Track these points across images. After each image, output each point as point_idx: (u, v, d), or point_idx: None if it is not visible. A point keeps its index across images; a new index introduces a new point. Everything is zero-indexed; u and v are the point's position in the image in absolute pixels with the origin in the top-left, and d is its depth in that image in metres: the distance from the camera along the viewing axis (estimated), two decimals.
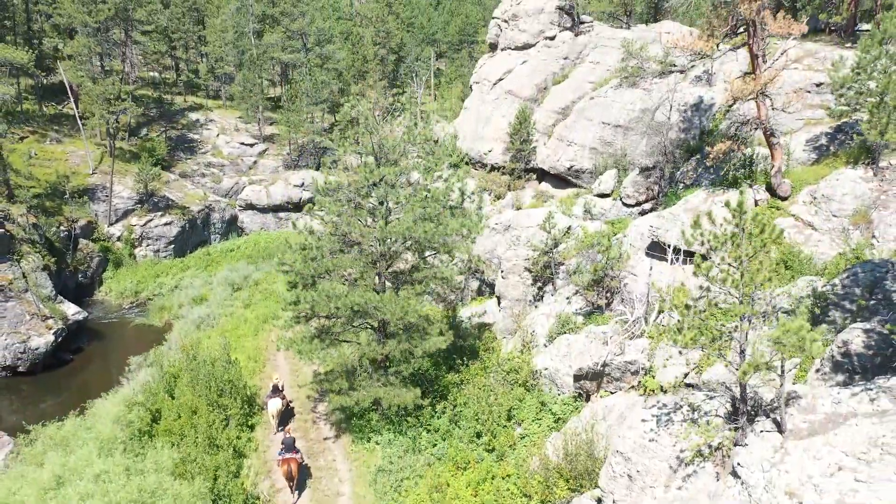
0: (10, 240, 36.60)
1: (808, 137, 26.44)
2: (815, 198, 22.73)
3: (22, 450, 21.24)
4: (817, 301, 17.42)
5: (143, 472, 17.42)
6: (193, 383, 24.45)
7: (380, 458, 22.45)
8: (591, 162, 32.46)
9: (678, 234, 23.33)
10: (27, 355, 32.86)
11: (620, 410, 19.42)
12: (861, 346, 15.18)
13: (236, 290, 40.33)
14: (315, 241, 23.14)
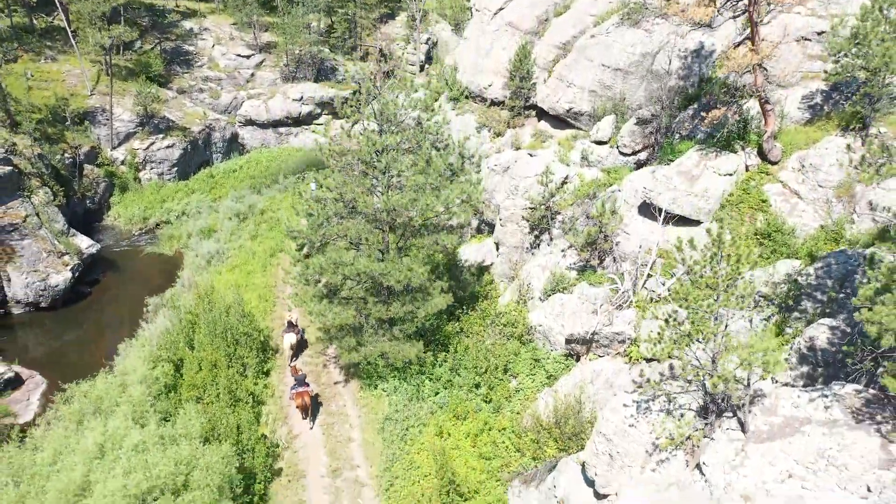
0: (18, 176, 37.32)
1: (804, 93, 26.73)
2: (803, 165, 23.51)
3: (60, 407, 23.21)
4: (792, 288, 18.74)
5: (176, 439, 19.39)
6: (212, 335, 26.18)
7: (386, 406, 24.55)
8: (590, 105, 32.71)
9: (670, 198, 24.40)
10: (48, 292, 34.51)
11: (607, 376, 21.24)
12: (825, 342, 16.68)
13: (242, 220, 41.47)
14: (320, 208, 24.10)
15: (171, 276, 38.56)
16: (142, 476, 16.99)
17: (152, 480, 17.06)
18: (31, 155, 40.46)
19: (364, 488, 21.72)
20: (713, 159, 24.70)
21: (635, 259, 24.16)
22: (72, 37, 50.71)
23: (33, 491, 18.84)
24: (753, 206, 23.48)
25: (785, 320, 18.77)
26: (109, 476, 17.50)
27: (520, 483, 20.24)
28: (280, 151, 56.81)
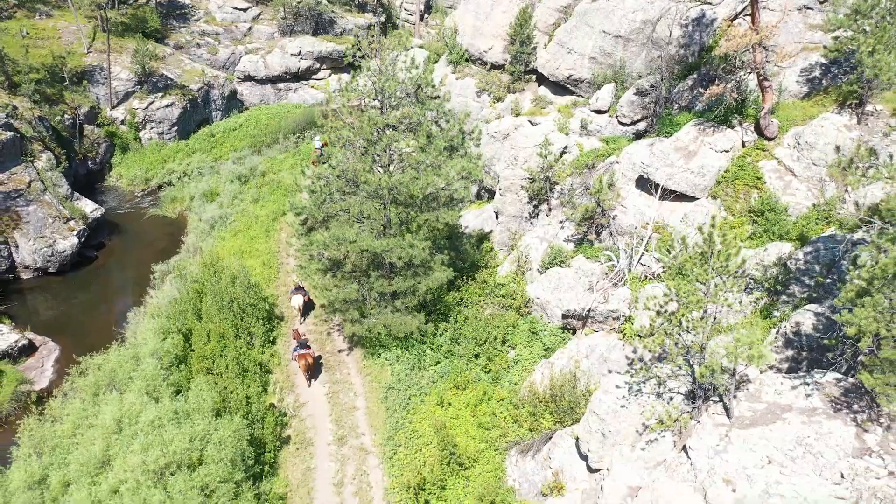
0: (20, 141, 37.51)
1: (803, 66, 26.80)
2: (798, 143, 23.82)
3: (76, 379, 24.12)
4: (781, 272, 19.38)
5: (189, 413, 20.33)
6: (219, 306, 26.94)
7: (389, 375, 25.48)
8: (590, 72, 32.68)
9: (666, 174, 24.82)
10: (55, 258, 35.16)
11: (601, 352, 22.08)
12: (810, 328, 17.41)
13: (244, 183, 41.81)
14: (322, 185, 24.52)
15: (175, 239, 39.19)
16: (159, 452, 17.95)
17: (169, 456, 18.04)
18: (31, 118, 40.55)
19: (369, 455, 22.82)
20: (710, 135, 24.99)
21: (631, 236, 24.73)
22: None
23: (56, 462, 19.91)
24: (748, 182, 23.90)
25: (773, 303, 19.48)
26: (128, 451, 18.47)
27: (517, 452, 21.30)
28: (279, 108, 56.61)
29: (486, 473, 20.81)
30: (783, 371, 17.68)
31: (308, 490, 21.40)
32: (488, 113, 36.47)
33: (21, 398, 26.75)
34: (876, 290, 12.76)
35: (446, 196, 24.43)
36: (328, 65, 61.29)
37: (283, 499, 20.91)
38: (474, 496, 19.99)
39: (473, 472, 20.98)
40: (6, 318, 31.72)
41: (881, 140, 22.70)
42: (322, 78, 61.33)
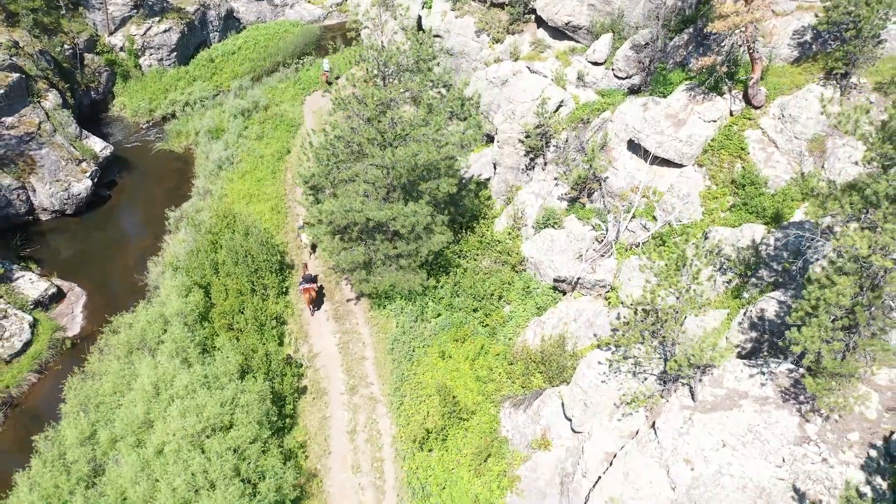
0: (26, 81, 38.06)
1: (795, 28, 27.19)
2: (783, 115, 24.86)
3: (109, 337, 26.43)
4: (752, 255, 21.17)
5: (218, 377, 22.73)
6: (234, 261, 28.89)
7: (394, 327, 27.79)
8: (588, 19, 32.85)
9: (656, 142, 26.06)
10: (71, 200, 36.67)
11: (588, 317, 24.25)
12: (773, 315, 19.45)
13: (247, 118, 42.56)
14: (329, 154, 25.74)
15: (183, 175, 40.58)
16: (195, 418, 20.46)
17: (204, 421, 20.57)
18: (33, 52, 40.77)
19: (378, 404, 25.49)
20: (700, 103, 26.00)
21: (622, 199, 26.29)
22: None
23: (102, 419, 22.54)
24: (733, 153, 25.18)
25: (744, 285, 21.39)
26: (167, 415, 21.00)
27: (510, 405, 23.93)
28: (277, 27, 56.12)
29: (482, 424, 23.50)
30: (747, 351, 19.89)
31: (325, 437, 24.20)
32: (487, 54, 36.83)
33: (57, 345, 29.21)
34: (822, 312, 14.64)
35: (446, 165, 25.70)
36: None
37: (304, 446, 23.72)
38: (472, 445, 22.79)
39: (472, 423, 23.66)
40: (33, 262, 33.71)
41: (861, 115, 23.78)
42: None
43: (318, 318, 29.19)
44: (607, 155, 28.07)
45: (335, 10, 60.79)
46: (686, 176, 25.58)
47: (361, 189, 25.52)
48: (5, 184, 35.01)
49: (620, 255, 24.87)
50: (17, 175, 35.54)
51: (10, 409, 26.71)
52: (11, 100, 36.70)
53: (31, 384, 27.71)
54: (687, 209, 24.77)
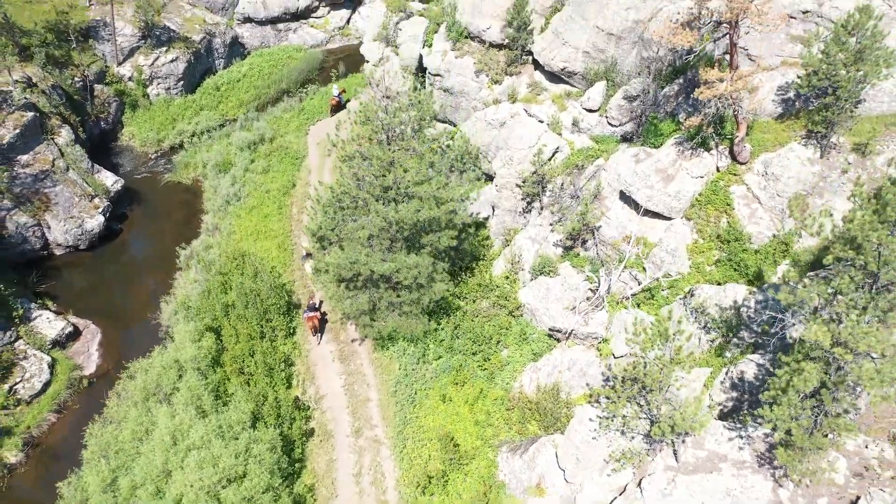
0: (41, 119, 39.34)
1: (780, 83, 28.41)
2: (766, 172, 26.14)
3: (127, 383, 27.79)
4: (733, 317, 22.50)
5: (232, 426, 24.10)
6: (244, 304, 30.23)
7: (397, 368, 29.15)
8: (583, 65, 34.07)
9: (646, 196, 27.37)
10: (84, 236, 37.99)
11: (581, 366, 25.61)
12: (752, 377, 20.81)
13: (253, 151, 43.81)
14: (335, 209, 27.04)
15: (191, 207, 41.94)
16: (211, 470, 21.83)
17: (219, 473, 21.94)
18: (45, 88, 42.02)
19: (382, 447, 26.87)
20: (688, 159, 27.31)
21: (614, 249, 27.63)
22: None
23: (122, 467, 23.92)
24: (719, 208, 26.49)
25: (726, 344, 22.73)
26: (184, 466, 22.37)
27: (508, 450, 25.30)
28: (281, 52, 57.31)
29: (481, 469, 24.88)
30: (729, 409, 21.24)
31: (332, 480, 25.59)
32: (486, 94, 38.04)
33: (75, 384, 30.60)
34: (791, 393, 15.98)
35: (447, 219, 27.00)
36: (327, 2, 61.28)
37: (312, 490, 25.12)
38: (472, 490, 24.18)
39: (471, 467, 25.04)
40: (48, 299, 35.08)
41: (839, 177, 25.13)
42: (321, 16, 61.53)
43: (325, 359, 30.56)
44: (601, 204, 29.40)
45: (337, 33, 61.99)
46: (674, 230, 26.89)
47: (365, 241, 26.83)
48: (22, 222, 36.35)
49: (612, 308, 26.21)
50: (32, 213, 36.87)
51: (31, 449, 28.10)
52: (26, 138, 38.00)
53: (50, 424, 29.13)
54: (675, 263, 26.10)
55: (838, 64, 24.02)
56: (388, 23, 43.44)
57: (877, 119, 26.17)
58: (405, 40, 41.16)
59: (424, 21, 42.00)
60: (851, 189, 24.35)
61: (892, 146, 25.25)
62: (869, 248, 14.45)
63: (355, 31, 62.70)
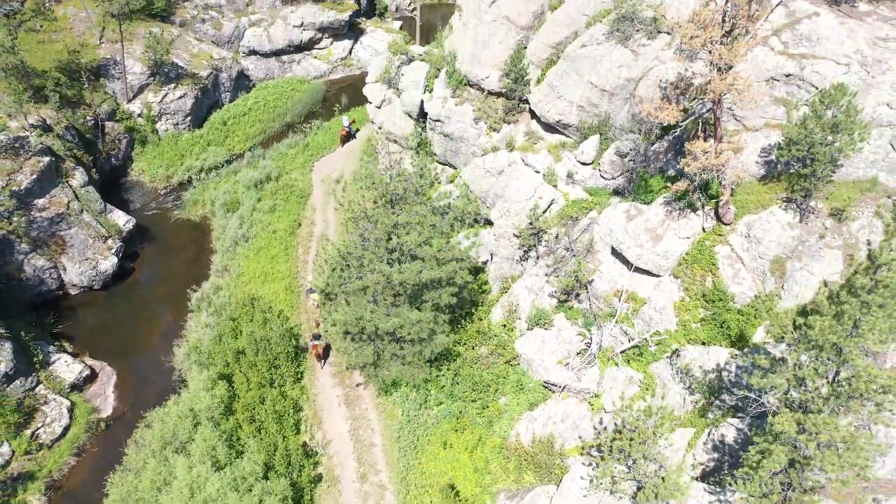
0: (56, 162, 40.85)
1: (763, 146, 29.94)
2: (749, 234, 27.71)
3: (144, 432, 29.32)
4: (715, 381, 24.06)
5: (245, 477, 25.64)
6: (254, 352, 31.79)
7: (400, 414, 30.70)
8: (578, 118, 35.61)
9: (636, 254, 28.92)
10: (98, 277, 39.52)
11: (574, 419, 27.17)
12: (731, 440, 22.37)
13: (260, 190, 45.36)
14: (341, 267, 28.60)
15: (201, 245, 43.52)
16: None
17: None
18: (60, 130, 43.50)
19: (386, 492, 28.43)
20: (676, 219, 28.87)
21: (606, 302, 29.20)
22: None
23: None
24: (705, 267, 28.05)
25: (709, 406, 24.29)
26: None
27: (505, 498, 26.88)
28: (285, 84, 58.93)
29: None
30: (710, 469, 22.80)
31: None
32: (485, 141, 39.60)
33: (93, 427, 32.11)
34: (762, 471, 17.55)
35: (448, 279, 28.53)
36: (329, 33, 62.88)
37: None
38: None
39: None
40: (65, 340, 36.61)
41: (816, 241, 26.69)
42: (324, 47, 63.13)
43: (331, 402, 32.14)
44: (593, 258, 30.98)
45: (340, 64, 63.55)
46: (663, 287, 28.45)
47: (370, 298, 28.40)
48: (39, 265, 37.88)
49: (603, 364, 27.77)
50: (49, 256, 38.39)
51: (53, 493, 29.62)
52: (43, 182, 39.51)
53: (70, 467, 30.62)
54: (663, 321, 27.66)
55: (815, 136, 25.57)
56: (390, 66, 44.98)
57: (853, 184, 27.71)
58: (407, 86, 42.68)
59: (425, 66, 43.53)
60: (827, 254, 26.20)
61: (866, 212, 26.83)
62: (829, 348, 16.00)
63: (357, 62, 64.31)
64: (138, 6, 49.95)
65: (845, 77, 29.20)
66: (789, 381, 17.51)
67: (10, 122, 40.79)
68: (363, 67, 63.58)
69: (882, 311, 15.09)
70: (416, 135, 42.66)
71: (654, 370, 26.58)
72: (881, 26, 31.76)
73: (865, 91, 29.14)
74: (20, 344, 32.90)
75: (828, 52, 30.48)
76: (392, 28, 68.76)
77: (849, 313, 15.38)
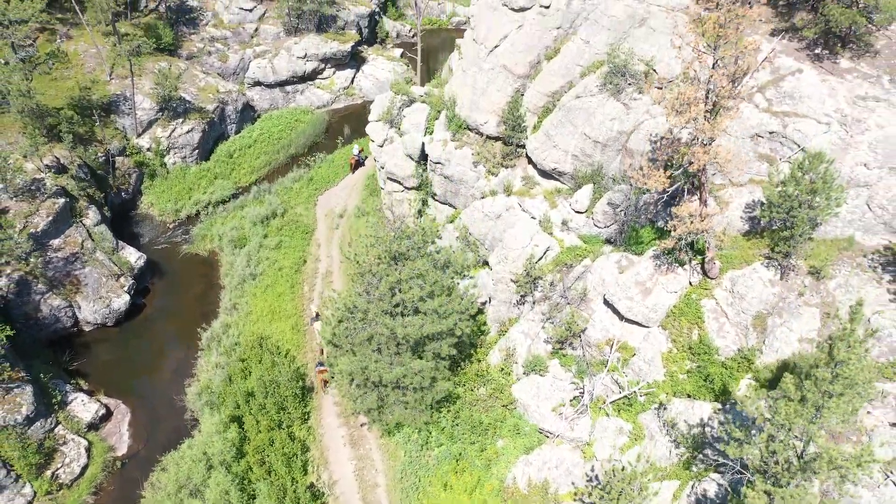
0: (71, 203, 42.42)
1: (748, 201, 31.56)
2: (733, 289, 29.33)
3: (160, 476, 30.89)
4: (699, 435, 25.67)
5: None
6: (264, 392, 33.38)
7: (402, 455, 32.29)
8: (572, 167, 37.20)
9: (627, 306, 30.53)
10: (111, 315, 41.09)
11: (567, 466, 28.77)
12: (713, 495, 23.97)
13: (266, 226, 46.95)
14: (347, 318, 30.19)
15: (209, 281, 45.10)
16: None
17: None
18: (73, 169, 45.05)
19: None
20: (665, 274, 30.49)
21: (598, 350, 30.81)
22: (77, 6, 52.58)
23: None
24: (691, 320, 29.65)
25: (693, 459, 25.91)
26: None
27: None
28: (289, 115, 60.52)
29: None
30: None
31: None
32: (483, 184, 41.19)
33: (109, 466, 33.68)
34: None
35: (448, 332, 30.13)
36: (332, 63, 64.47)
37: None
38: None
39: None
40: (80, 377, 38.17)
41: (796, 299, 28.30)
42: (327, 77, 64.72)
43: (337, 442, 33.72)
44: (587, 306, 32.57)
45: (342, 93, 65.16)
46: (651, 338, 30.05)
47: (374, 347, 30.00)
48: (55, 304, 39.45)
49: (595, 413, 29.38)
50: (64, 296, 39.95)
51: None
52: (58, 223, 41.11)
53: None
54: (651, 372, 29.27)
55: (794, 201, 27.19)
56: (392, 107, 46.56)
57: (831, 243, 29.33)
58: (408, 128, 44.26)
59: (426, 108, 45.11)
60: (805, 311, 27.79)
61: (843, 271, 28.46)
62: (795, 430, 17.62)
63: (359, 91, 65.95)
64: (149, 49, 51.49)
65: (826, 136, 30.91)
66: (762, 452, 19.10)
67: (26, 163, 42.36)
68: (365, 96, 65.34)
69: (841, 398, 16.70)
70: (416, 175, 44.25)
71: (643, 421, 28.22)
72: (861, 84, 33.24)
73: (844, 150, 30.81)
74: (40, 385, 34.44)
75: (809, 110, 32.01)
76: (393, 56, 70.42)
77: (812, 400, 16.98)
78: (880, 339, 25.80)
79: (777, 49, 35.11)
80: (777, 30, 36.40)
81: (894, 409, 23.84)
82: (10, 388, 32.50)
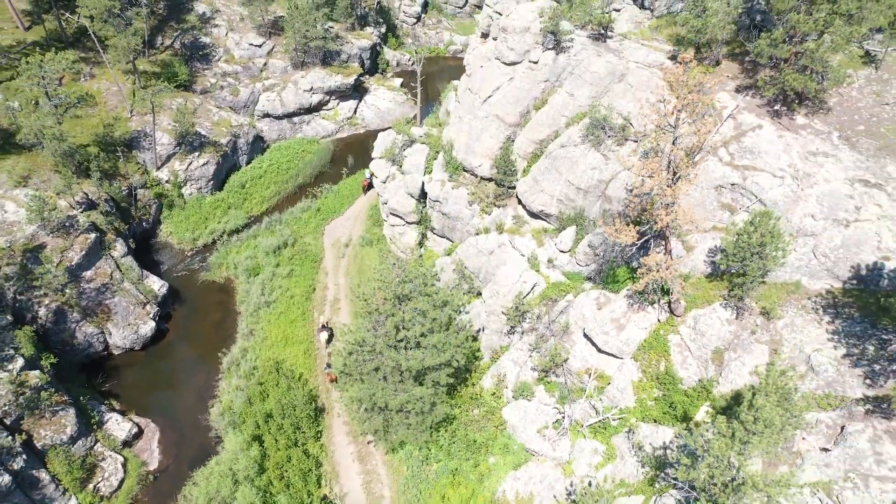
0: (100, 237, 46.44)
1: (710, 247, 35.74)
2: (695, 327, 33.53)
3: (191, 489, 34.94)
4: (661, 456, 29.85)
5: None
6: (281, 413, 37.47)
7: (405, 470, 36.42)
8: (557, 210, 41.44)
9: (603, 341, 34.70)
10: (139, 340, 45.12)
11: (550, 482, 32.93)
12: None
13: (278, 256, 51.04)
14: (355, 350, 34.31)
15: (226, 308, 49.11)
16: None
17: None
18: (101, 204, 49.04)
19: None
20: (637, 311, 34.66)
21: (578, 377, 34.99)
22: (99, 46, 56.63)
23: None
24: (659, 353, 33.83)
25: (656, 477, 30.08)
26: None
27: None
28: (296, 145, 64.66)
29: None
30: None
31: None
32: (478, 222, 45.38)
33: (143, 480, 37.72)
34: None
35: (446, 363, 34.27)
36: (336, 95, 68.55)
37: None
38: None
39: None
40: (112, 398, 42.20)
41: (749, 336, 32.52)
42: (331, 108, 68.79)
43: (346, 458, 37.80)
44: (569, 338, 36.74)
45: (346, 123, 69.28)
46: (625, 369, 34.21)
47: (380, 376, 34.14)
48: (89, 331, 43.48)
49: (574, 435, 33.55)
50: (97, 323, 43.99)
51: None
52: (90, 256, 45.09)
53: None
54: (624, 399, 33.44)
55: (746, 252, 31.37)
56: (394, 147, 50.74)
57: (781, 286, 33.53)
58: (409, 169, 48.43)
59: (425, 149, 49.30)
60: (756, 348, 31.92)
61: (790, 312, 32.66)
62: (728, 459, 21.80)
63: (362, 121, 70.07)
64: (169, 92, 55.61)
65: (780, 189, 35.09)
66: (705, 476, 23.28)
67: (60, 200, 46.36)
68: (367, 126, 69.50)
69: (761, 436, 20.87)
70: (417, 211, 48.40)
71: (615, 442, 32.40)
72: (813, 140, 37.45)
73: (795, 202, 35.05)
74: (79, 407, 38.44)
75: (766, 164, 36.19)
76: (393, 86, 74.55)
77: (739, 436, 21.16)
78: (818, 374, 29.99)
79: (741, 105, 39.47)
80: (741, 86, 40.65)
81: (825, 436, 28.04)
82: (56, 410, 36.45)
